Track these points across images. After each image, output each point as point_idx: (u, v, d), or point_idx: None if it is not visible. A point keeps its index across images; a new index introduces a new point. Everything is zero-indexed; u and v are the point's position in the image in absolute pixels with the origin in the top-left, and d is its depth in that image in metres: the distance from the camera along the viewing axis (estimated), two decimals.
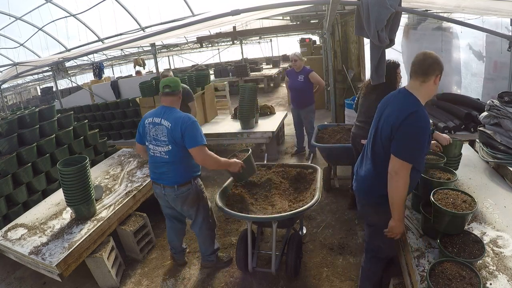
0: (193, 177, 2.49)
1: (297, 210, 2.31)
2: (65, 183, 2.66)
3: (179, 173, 2.42)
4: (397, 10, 2.42)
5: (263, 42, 20.63)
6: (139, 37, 5.07)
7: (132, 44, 7.26)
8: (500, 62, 4.03)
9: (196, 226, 2.65)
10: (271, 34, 14.92)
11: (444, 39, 4.79)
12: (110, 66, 18.42)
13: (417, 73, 1.71)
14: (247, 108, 5.01)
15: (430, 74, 1.67)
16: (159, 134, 2.36)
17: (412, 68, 1.73)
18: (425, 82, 1.70)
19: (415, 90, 1.74)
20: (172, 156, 2.37)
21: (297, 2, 3.45)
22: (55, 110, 4.06)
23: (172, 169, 2.40)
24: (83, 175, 2.70)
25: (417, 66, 1.70)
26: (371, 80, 2.83)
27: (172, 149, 2.35)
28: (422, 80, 1.70)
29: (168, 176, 2.42)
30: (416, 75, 1.72)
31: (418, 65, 1.70)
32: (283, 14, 6.32)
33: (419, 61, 1.70)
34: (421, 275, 1.63)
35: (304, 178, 3.05)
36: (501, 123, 2.58)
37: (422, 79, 1.69)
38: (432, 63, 1.67)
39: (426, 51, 1.74)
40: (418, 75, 1.71)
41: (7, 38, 9.33)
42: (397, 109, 1.72)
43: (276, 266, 2.42)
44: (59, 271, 2.30)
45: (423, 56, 1.70)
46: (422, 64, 1.68)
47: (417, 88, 1.73)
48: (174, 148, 2.35)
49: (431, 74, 1.67)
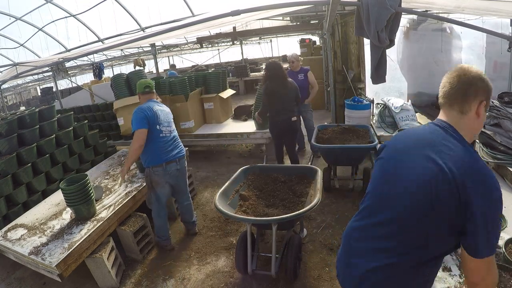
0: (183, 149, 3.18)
1: (297, 212, 2.30)
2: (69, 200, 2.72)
3: (182, 146, 3.10)
4: (397, 10, 2.42)
5: (263, 42, 20.63)
6: (139, 37, 5.08)
7: (132, 45, 7.26)
8: (500, 63, 4.04)
9: (188, 196, 3.24)
10: (271, 35, 14.93)
11: (444, 39, 4.79)
12: (110, 67, 18.41)
13: (451, 99, 1.17)
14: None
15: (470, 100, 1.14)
16: (168, 117, 3.00)
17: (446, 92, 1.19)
18: (464, 113, 1.15)
19: (456, 125, 1.16)
20: (176, 133, 3.07)
21: (297, 3, 3.45)
22: (55, 111, 4.06)
23: (179, 142, 3.06)
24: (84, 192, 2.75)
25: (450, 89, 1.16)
26: (372, 80, 2.83)
27: (174, 127, 3.08)
28: (460, 109, 1.15)
29: (180, 149, 3.02)
30: (450, 102, 1.17)
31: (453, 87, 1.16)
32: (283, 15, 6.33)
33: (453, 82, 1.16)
34: None
35: (304, 180, 3.05)
36: (501, 123, 2.58)
37: (460, 108, 1.15)
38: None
39: (463, 66, 1.21)
40: (453, 102, 1.16)
41: (7, 38, 9.32)
42: (454, 165, 1.04)
43: (276, 268, 2.42)
44: (59, 271, 2.30)
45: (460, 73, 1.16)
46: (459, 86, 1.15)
47: (456, 122, 1.16)
48: (174, 126, 3.08)
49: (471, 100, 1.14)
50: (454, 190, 1.01)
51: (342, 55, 5.79)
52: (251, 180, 3.10)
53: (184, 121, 5.26)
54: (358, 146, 3.54)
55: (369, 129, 3.99)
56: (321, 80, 7.46)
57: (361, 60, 5.57)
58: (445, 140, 1.12)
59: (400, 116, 3.88)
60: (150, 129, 2.78)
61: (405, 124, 3.72)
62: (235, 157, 5.63)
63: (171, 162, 2.89)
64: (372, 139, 3.67)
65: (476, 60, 4.65)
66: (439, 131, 1.16)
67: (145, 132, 2.75)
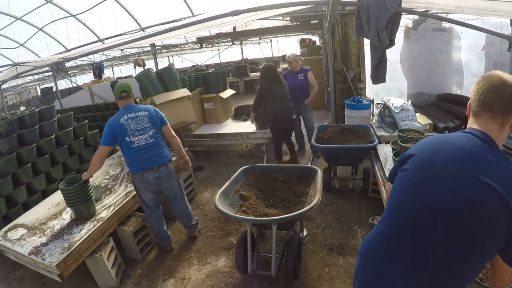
0: (171, 155, 3.00)
1: (297, 212, 2.30)
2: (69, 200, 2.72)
3: (165, 151, 2.91)
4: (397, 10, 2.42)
5: (263, 42, 20.63)
6: (139, 37, 5.07)
7: (132, 45, 7.26)
8: (500, 63, 4.03)
9: (182, 200, 3.12)
10: (271, 35, 14.92)
11: (444, 39, 4.79)
12: (110, 67, 18.42)
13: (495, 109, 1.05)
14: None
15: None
16: (142, 123, 2.78)
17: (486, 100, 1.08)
18: (504, 127, 1.07)
19: (496, 138, 1.08)
20: (155, 138, 2.84)
21: (297, 3, 3.45)
22: (55, 111, 4.07)
23: (159, 148, 2.86)
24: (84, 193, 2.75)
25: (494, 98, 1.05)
26: (372, 80, 2.83)
27: (154, 131, 2.85)
28: (501, 122, 1.06)
29: (159, 157, 2.84)
30: (493, 113, 1.06)
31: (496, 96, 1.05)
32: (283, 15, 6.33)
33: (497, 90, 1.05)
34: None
35: (304, 180, 3.05)
36: None
37: (502, 121, 1.06)
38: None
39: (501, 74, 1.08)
40: (496, 113, 1.06)
41: (7, 38, 9.32)
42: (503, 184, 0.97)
43: (276, 269, 2.41)
44: (59, 271, 2.30)
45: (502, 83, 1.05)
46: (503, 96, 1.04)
47: (496, 136, 1.08)
48: (155, 130, 2.86)
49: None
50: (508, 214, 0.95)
51: (342, 55, 5.79)
52: (251, 180, 3.10)
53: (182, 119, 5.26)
54: (358, 146, 3.54)
55: (369, 129, 3.99)
56: (321, 80, 7.46)
57: (361, 60, 5.57)
58: (492, 155, 1.02)
59: (400, 116, 3.88)
60: (120, 143, 2.73)
61: (405, 124, 3.71)
62: (235, 157, 5.63)
63: (148, 170, 2.77)
64: (372, 139, 3.67)
65: (476, 60, 4.65)
66: (481, 144, 1.04)
67: (107, 149, 2.72)
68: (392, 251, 1.10)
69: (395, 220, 1.13)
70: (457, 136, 1.11)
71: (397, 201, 1.15)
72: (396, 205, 1.15)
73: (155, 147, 2.82)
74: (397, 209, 1.14)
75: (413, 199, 1.09)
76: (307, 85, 4.84)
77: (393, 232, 1.13)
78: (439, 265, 1.01)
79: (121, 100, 2.86)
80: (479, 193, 0.97)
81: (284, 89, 4.17)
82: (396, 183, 1.19)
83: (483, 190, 0.97)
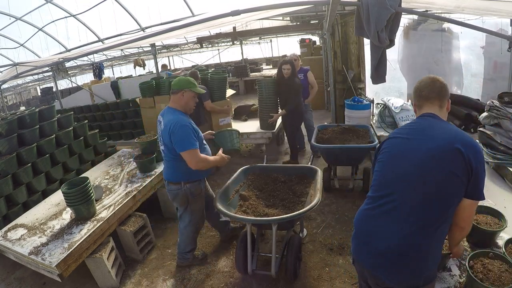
0: (184, 181, 2.56)
1: (297, 212, 2.30)
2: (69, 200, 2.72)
3: (170, 172, 2.60)
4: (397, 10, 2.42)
5: (263, 42, 20.64)
6: (139, 37, 5.08)
7: (132, 45, 7.26)
8: (500, 63, 4.04)
9: (183, 223, 2.74)
10: (271, 35, 14.93)
11: (444, 39, 4.79)
12: (110, 67, 18.41)
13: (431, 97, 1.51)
14: (267, 106, 4.74)
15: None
16: (161, 132, 2.51)
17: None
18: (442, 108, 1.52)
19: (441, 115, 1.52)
20: (165, 156, 2.57)
21: (297, 3, 3.45)
22: (55, 111, 4.06)
23: (167, 166, 2.62)
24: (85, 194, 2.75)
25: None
26: (372, 80, 2.83)
27: (164, 149, 2.53)
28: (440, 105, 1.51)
29: (165, 172, 2.66)
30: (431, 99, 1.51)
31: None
32: (283, 15, 6.33)
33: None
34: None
35: (304, 180, 3.05)
36: (501, 123, 2.58)
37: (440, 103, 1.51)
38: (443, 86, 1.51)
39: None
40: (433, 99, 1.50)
41: (7, 38, 9.33)
42: (462, 143, 1.30)
43: (276, 269, 2.41)
44: (59, 271, 2.30)
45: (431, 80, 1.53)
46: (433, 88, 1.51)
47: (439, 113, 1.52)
48: (165, 149, 2.51)
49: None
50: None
51: (342, 55, 5.79)
52: (251, 180, 3.10)
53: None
54: (358, 146, 3.54)
55: (369, 129, 3.99)
56: (321, 80, 7.46)
57: (361, 60, 5.57)
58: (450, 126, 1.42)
59: (400, 116, 3.88)
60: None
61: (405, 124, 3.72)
62: (235, 157, 5.61)
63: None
64: (372, 139, 3.67)
65: (476, 60, 4.66)
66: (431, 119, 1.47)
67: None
68: (376, 207, 1.42)
69: (380, 187, 1.45)
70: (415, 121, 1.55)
71: (381, 174, 1.47)
72: (380, 178, 1.47)
73: (165, 162, 2.63)
74: (382, 178, 1.47)
75: (394, 167, 1.42)
76: (307, 85, 4.86)
77: (378, 196, 1.44)
78: (419, 214, 1.30)
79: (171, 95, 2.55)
80: (441, 147, 1.31)
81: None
82: (378, 165, 1.52)
83: (443, 144, 1.32)
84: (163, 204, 3.69)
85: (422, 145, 1.36)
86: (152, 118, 5.41)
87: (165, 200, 3.64)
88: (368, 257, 1.41)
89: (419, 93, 1.54)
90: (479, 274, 1.50)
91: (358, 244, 1.50)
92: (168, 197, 2.76)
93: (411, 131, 1.47)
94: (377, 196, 1.44)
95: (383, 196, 1.41)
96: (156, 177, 3.52)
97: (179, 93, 2.50)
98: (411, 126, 1.51)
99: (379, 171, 1.49)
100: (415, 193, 1.31)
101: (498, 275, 1.48)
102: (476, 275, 1.49)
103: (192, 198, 2.62)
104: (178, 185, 2.57)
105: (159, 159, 3.83)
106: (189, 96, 2.52)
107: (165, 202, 3.66)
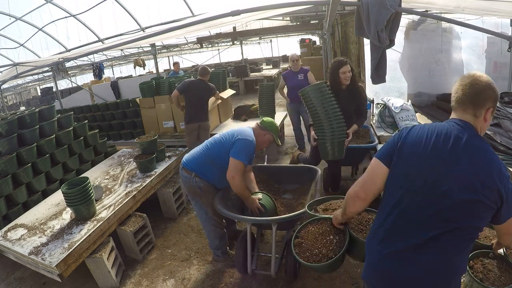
0: (196, 173, 2.58)
1: (297, 212, 2.30)
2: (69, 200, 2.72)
3: (194, 161, 2.62)
4: (397, 10, 2.42)
5: (263, 42, 20.65)
6: (139, 37, 5.08)
7: (132, 45, 7.26)
8: (500, 63, 4.03)
9: (200, 218, 2.78)
10: (271, 35, 14.95)
11: (444, 39, 4.79)
12: (110, 67, 18.42)
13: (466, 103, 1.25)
14: (267, 108, 5.08)
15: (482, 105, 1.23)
16: (224, 133, 2.68)
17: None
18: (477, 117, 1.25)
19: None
20: (207, 149, 2.65)
21: (297, 3, 3.45)
22: (55, 111, 4.06)
23: (197, 156, 2.65)
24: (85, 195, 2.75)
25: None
26: (372, 80, 2.83)
27: (210, 145, 2.66)
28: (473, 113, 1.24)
29: (189, 158, 2.66)
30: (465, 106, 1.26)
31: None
32: (283, 15, 6.33)
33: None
34: None
35: (303, 180, 3.04)
36: (501, 123, 2.58)
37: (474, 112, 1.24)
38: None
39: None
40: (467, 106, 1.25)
41: (7, 38, 9.33)
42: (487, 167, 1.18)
43: (276, 269, 2.41)
44: (59, 271, 2.30)
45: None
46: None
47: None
48: (213, 144, 2.66)
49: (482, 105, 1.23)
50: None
51: (342, 55, 5.80)
52: None
53: (182, 121, 5.26)
54: (358, 146, 3.54)
55: (369, 129, 3.99)
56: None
57: (361, 60, 5.58)
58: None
59: (400, 116, 3.88)
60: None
61: (405, 124, 3.71)
62: None
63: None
64: (372, 139, 3.67)
65: (476, 60, 4.65)
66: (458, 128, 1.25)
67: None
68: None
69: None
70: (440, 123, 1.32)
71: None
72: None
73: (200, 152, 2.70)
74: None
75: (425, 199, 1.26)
76: (307, 85, 4.85)
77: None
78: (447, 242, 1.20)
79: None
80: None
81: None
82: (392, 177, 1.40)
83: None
84: (163, 204, 3.69)
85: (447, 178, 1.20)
86: (152, 118, 5.43)
87: (165, 200, 3.64)
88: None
89: (453, 94, 1.30)
90: (479, 274, 1.50)
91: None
92: (167, 197, 2.75)
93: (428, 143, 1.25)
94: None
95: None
96: (156, 177, 3.52)
97: (265, 131, 2.69)
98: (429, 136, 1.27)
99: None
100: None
101: (498, 275, 1.48)
102: (476, 275, 1.49)
103: (200, 191, 2.62)
104: (189, 174, 2.59)
105: (159, 159, 3.83)
106: (268, 138, 2.71)
107: (165, 202, 3.65)
